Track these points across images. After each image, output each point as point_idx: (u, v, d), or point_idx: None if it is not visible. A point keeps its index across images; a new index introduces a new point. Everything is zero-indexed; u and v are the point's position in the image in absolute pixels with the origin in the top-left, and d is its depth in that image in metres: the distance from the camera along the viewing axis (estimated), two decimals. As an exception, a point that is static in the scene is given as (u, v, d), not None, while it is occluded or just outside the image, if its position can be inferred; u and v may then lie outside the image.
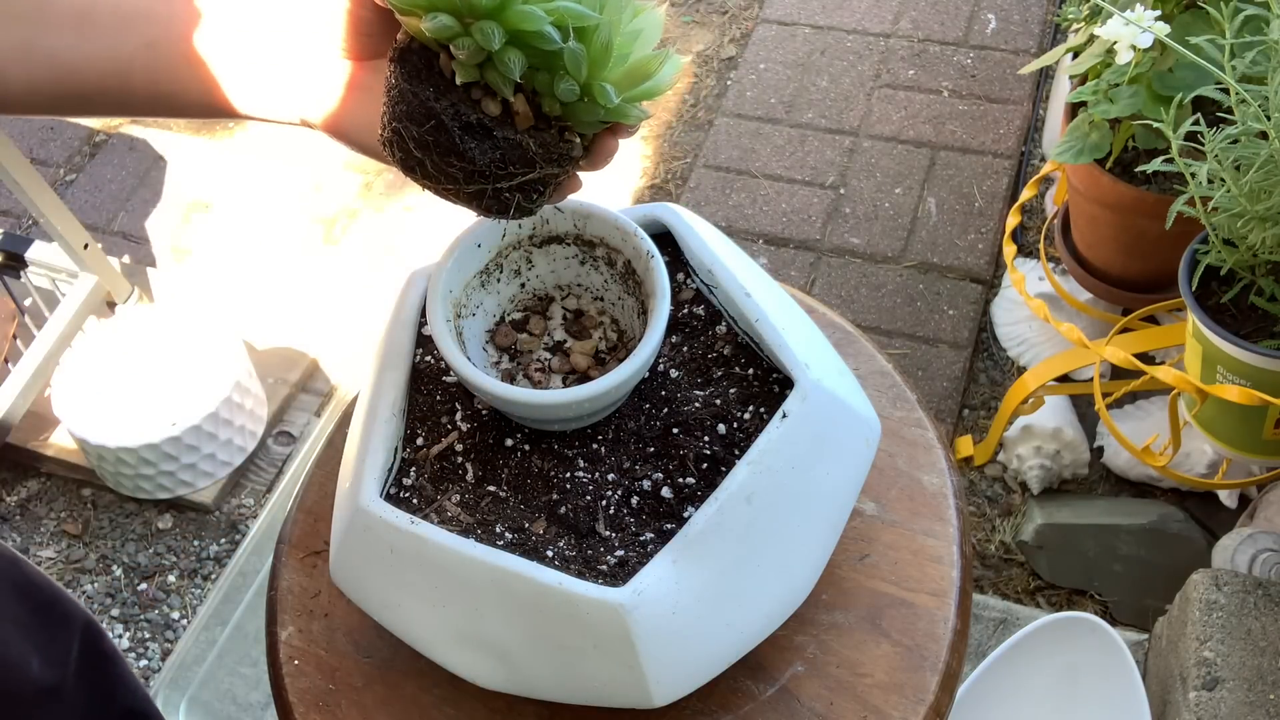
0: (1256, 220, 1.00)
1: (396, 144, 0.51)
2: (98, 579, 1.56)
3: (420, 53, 0.50)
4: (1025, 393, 1.39)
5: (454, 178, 0.51)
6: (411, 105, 0.50)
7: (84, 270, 1.64)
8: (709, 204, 1.83)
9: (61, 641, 0.84)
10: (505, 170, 0.51)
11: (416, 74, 0.50)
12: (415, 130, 0.50)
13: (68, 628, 0.85)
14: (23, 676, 0.77)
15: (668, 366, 0.66)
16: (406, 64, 0.50)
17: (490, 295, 0.68)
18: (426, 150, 0.51)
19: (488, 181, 0.51)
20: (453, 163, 0.51)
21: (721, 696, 0.66)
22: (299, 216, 1.94)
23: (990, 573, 1.45)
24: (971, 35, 2.01)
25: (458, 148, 0.50)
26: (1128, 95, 1.14)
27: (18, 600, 0.80)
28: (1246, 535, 1.22)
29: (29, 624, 0.80)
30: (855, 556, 0.71)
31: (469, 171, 0.51)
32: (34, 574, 0.84)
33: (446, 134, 0.50)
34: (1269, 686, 1.06)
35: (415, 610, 0.60)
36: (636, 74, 0.50)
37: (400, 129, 0.51)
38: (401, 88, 0.50)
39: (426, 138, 0.50)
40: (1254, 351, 1.05)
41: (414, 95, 0.50)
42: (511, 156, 0.51)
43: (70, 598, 0.87)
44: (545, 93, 0.50)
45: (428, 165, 0.51)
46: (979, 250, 1.73)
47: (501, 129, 0.50)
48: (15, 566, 0.82)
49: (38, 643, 0.80)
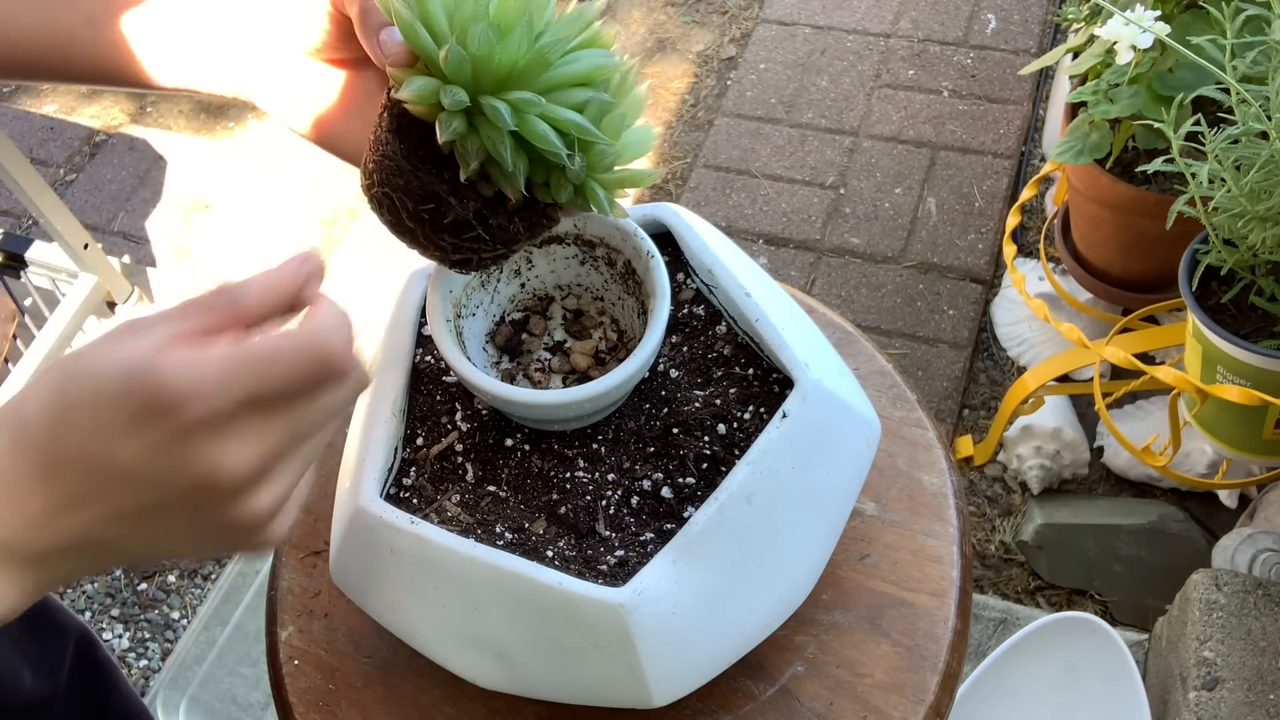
0: (1257, 220, 1.00)
1: (388, 207, 0.53)
2: (97, 579, 1.56)
3: (417, 123, 0.51)
4: (1025, 393, 1.39)
5: (442, 248, 0.54)
6: (411, 183, 0.51)
7: (84, 270, 1.64)
8: (709, 204, 1.83)
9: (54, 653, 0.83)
10: (493, 248, 0.54)
11: (415, 151, 0.51)
12: (411, 205, 0.52)
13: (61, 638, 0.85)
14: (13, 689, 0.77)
15: (668, 366, 0.66)
16: (405, 137, 0.51)
17: (490, 295, 0.68)
18: (420, 224, 0.53)
19: (474, 253, 0.54)
20: (444, 238, 0.53)
21: (721, 696, 0.66)
22: (299, 216, 1.94)
23: (990, 573, 1.45)
24: (971, 35, 2.01)
25: (453, 228, 0.53)
26: (1128, 95, 1.14)
27: None
28: (1246, 535, 1.22)
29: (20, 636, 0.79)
30: (855, 556, 0.71)
31: (458, 246, 0.54)
32: None
33: (443, 216, 0.52)
34: (1269, 686, 1.06)
35: (415, 610, 0.60)
36: (626, 182, 0.54)
37: (395, 198, 0.52)
38: (400, 164, 0.51)
39: (423, 215, 0.52)
40: (1254, 351, 1.05)
41: (414, 176, 0.51)
42: (501, 239, 0.54)
43: (64, 608, 0.87)
44: (539, 184, 0.52)
45: (418, 235, 0.53)
46: (979, 250, 1.73)
47: (494, 215, 0.53)
48: None
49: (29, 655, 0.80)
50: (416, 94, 0.49)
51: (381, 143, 0.52)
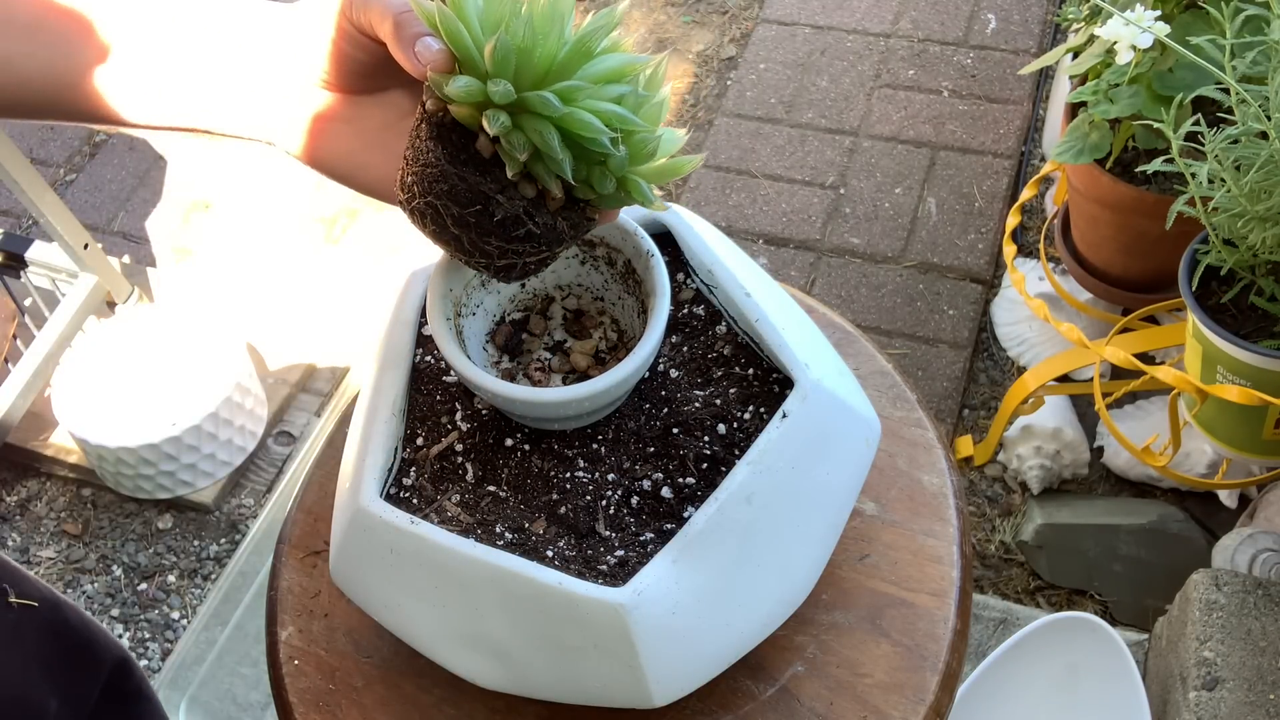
0: (1257, 220, 1.00)
1: (431, 217, 0.53)
2: (98, 579, 1.56)
3: (456, 129, 0.52)
4: (1025, 393, 1.39)
5: (488, 254, 0.54)
6: (455, 187, 0.52)
7: (84, 270, 1.64)
8: (709, 204, 1.83)
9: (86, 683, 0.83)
10: (538, 250, 0.54)
11: (456, 155, 0.52)
12: (457, 210, 0.52)
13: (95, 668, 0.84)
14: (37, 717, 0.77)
15: (668, 366, 0.66)
16: (446, 143, 0.52)
17: (490, 295, 0.68)
18: (465, 229, 0.53)
19: (519, 257, 0.55)
20: (491, 242, 0.54)
21: (721, 696, 0.66)
22: (299, 216, 1.94)
23: (990, 573, 1.45)
24: (971, 35, 2.01)
25: (499, 231, 0.53)
26: (1128, 95, 1.14)
27: (51, 644, 0.80)
28: (1246, 535, 1.22)
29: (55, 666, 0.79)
30: (855, 556, 0.71)
31: (504, 250, 0.54)
32: (72, 616, 0.83)
33: (490, 218, 0.52)
34: (1269, 686, 1.06)
35: (415, 610, 0.60)
36: (667, 172, 0.55)
37: (439, 206, 0.53)
38: (444, 168, 0.52)
39: (469, 219, 0.53)
40: (1254, 351, 1.05)
41: (460, 179, 0.52)
42: (548, 238, 0.54)
43: (105, 637, 0.86)
44: (580, 181, 0.53)
45: (464, 241, 0.54)
46: (979, 250, 1.73)
47: (539, 213, 0.53)
48: (56, 610, 0.81)
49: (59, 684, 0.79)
50: (464, 91, 0.49)
51: (421, 153, 0.52)
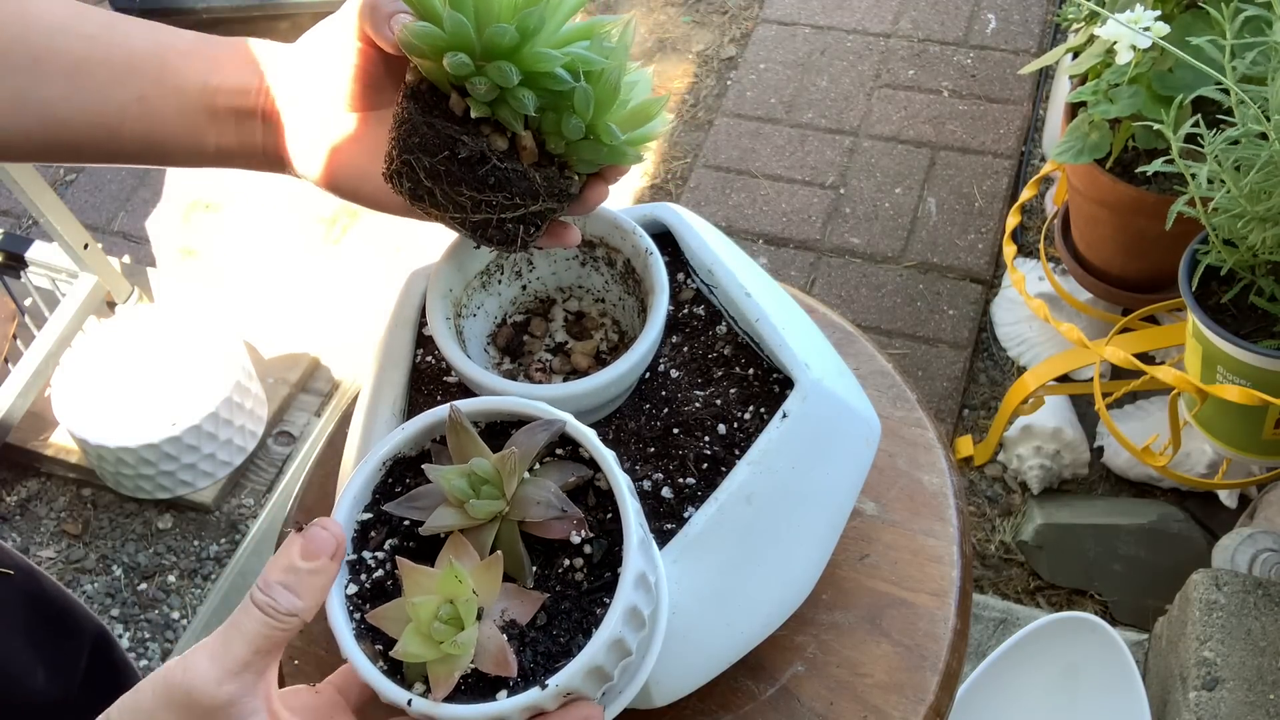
0: (1256, 221, 1.00)
1: (406, 174, 0.54)
2: (98, 579, 1.56)
3: (431, 92, 0.53)
4: (1025, 393, 1.39)
5: (462, 206, 0.54)
6: (425, 136, 0.52)
7: (84, 270, 1.64)
8: (709, 204, 1.83)
9: (70, 653, 0.84)
10: (511, 201, 0.54)
11: (429, 110, 0.53)
12: (427, 161, 0.53)
13: (78, 639, 0.85)
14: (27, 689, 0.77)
15: (668, 366, 0.66)
16: (419, 100, 0.53)
17: (491, 296, 0.68)
18: (437, 180, 0.53)
19: (494, 211, 0.54)
20: (462, 191, 0.53)
21: (721, 696, 0.66)
22: (299, 216, 1.94)
23: (990, 573, 1.45)
24: (971, 35, 2.01)
25: (469, 177, 0.53)
26: (1128, 95, 1.14)
27: (30, 612, 0.81)
28: (1246, 535, 1.22)
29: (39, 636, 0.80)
30: (855, 556, 0.71)
31: (477, 201, 0.54)
32: (49, 586, 0.84)
33: (458, 164, 0.53)
34: (1269, 686, 1.06)
35: (415, 610, 0.60)
36: (639, 116, 0.54)
37: (412, 160, 0.53)
38: (415, 120, 0.53)
39: (439, 168, 0.53)
40: (1254, 351, 1.05)
41: (428, 127, 0.52)
42: (518, 188, 0.54)
43: (83, 609, 0.87)
44: (551, 132, 0.53)
45: (437, 194, 0.54)
46: (979, 250, 1.73)
47: (509, 162, 0.53)
48: (32, 579, 0.82)
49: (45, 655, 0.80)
50: (422, 32, 0.50)
51: (398, 119, 0.53)
